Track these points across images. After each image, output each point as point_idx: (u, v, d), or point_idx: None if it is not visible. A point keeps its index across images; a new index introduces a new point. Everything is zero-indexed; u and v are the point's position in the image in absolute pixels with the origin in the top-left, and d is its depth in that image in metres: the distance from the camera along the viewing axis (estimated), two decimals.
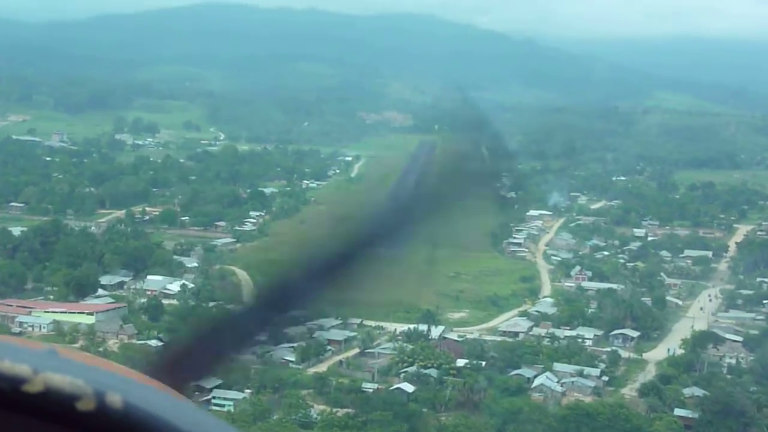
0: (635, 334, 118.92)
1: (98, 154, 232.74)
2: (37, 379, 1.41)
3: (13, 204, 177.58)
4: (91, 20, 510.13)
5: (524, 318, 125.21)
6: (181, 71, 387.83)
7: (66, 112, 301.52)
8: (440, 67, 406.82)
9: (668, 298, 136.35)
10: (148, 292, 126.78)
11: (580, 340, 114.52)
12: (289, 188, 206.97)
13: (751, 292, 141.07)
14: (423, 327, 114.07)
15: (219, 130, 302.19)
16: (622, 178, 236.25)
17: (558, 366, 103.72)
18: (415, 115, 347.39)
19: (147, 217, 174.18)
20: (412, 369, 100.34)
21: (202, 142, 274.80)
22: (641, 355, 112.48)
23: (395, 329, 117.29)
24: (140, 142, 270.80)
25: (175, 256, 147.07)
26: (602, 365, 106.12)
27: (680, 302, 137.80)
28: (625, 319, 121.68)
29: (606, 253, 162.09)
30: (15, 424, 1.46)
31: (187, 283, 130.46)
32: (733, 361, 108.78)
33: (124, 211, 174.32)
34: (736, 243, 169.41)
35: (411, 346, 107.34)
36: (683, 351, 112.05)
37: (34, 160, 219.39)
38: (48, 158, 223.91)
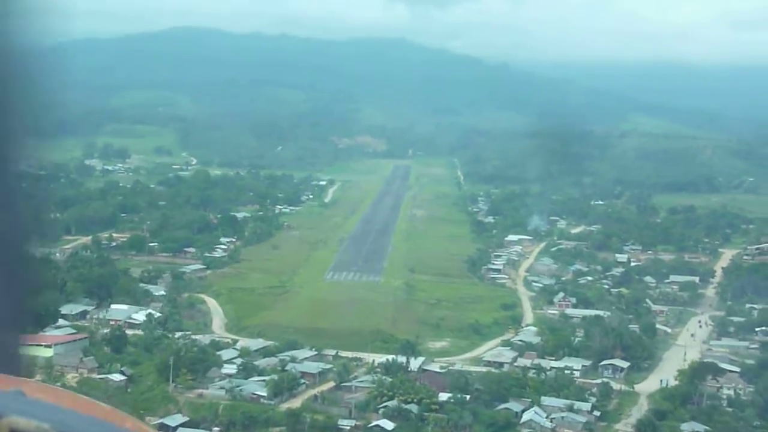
0: (625, 364, 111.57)
1: (66, 180, 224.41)
2: (2, 423, 1.40)
3: None
4: (64, 45, 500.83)
5: (508, 348, 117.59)
6: (154, 96, 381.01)
7: (32, 137, 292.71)
8: (414, 91, 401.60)
9: (657, 325, 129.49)
10: (112, 322, 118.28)
11: (568, 371, 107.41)
12: (261, 213, 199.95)
13: (742, 319, 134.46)
14: (402, 358, 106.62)
15: (191, 155, 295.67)
16: (601, 202, 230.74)
17: (546, 400, 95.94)
18: (389, 139, 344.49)
19: (114, 244, 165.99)
20: (392, 404, 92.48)
21: (173, 167, 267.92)
22: (633, 387, 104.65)
23: (373, 360, 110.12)
24: (110, 168, 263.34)
25: (142, 284, 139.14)
26: (593, 399, 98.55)
27: (669, 330, 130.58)
28: (614, 348, 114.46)
29: (589, 278, 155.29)
30: None
31: (153, 312, 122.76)
32: (732, 393, 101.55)
33: (90, 237, 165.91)
34: (723, 268, 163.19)
35: (390, 379, 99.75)
36: (677, 382, 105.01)
37: None
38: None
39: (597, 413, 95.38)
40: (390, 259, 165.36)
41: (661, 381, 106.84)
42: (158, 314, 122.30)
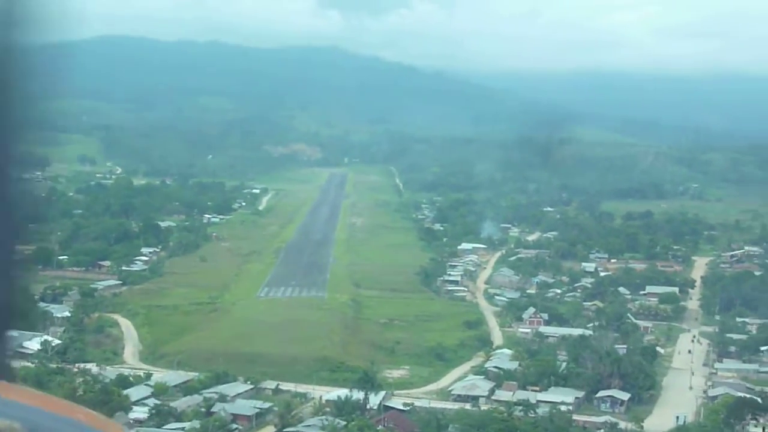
0: (625, 396, 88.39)
1: None
2: None
3: None
4: None
5: (481, 377, 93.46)
6: (78, 105, 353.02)
7: None
8: (348, 99, 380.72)
9: (643, 344, 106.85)
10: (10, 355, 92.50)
11: (556, 405, 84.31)
12: (188, 222, 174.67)
13: (740, 336, 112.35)
14: (358, 394, 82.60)
15: (116, 165, 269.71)
16: (550, 208, 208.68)
17: None
18: (323, 147, 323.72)
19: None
20: None
21: (96, 175, 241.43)
22: (642, 427, 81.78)
23: (320, 396, 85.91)
24: (26, 176, 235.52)
25: (42, 304, 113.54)
26: None
27: (661, 350, 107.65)
28: (611, 376, 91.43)
29: (557, 290, 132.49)
30: None
31: (50, 338, 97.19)
32: None
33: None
34: (701, 277, 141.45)
35: (344, 422, 75.65)
36: (701, 419, 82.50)
37: None
38: None
39: None
40: (332, 272, 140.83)
41: (677, 418, 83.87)
42: (57, 341, 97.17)
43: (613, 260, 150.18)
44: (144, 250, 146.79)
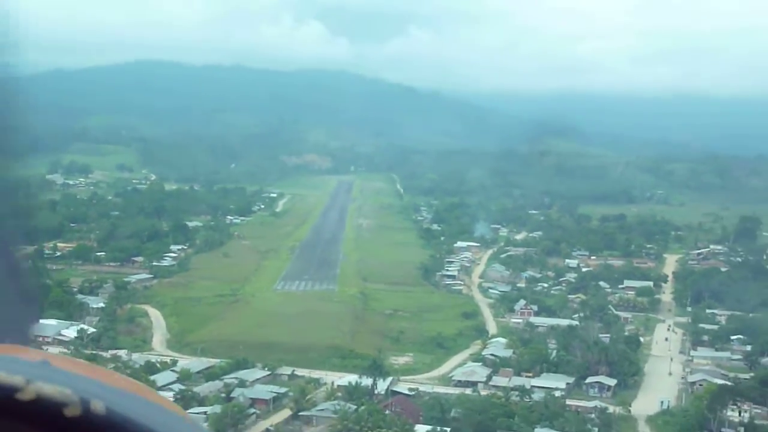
0: (612, 381, 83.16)
1: (23, 192, 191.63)
2: (30, 388, 1.36)
3: None
4: (39, 75, 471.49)
5: (479, 363, 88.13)
6: (118, 120, 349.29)
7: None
8: (354, 116, 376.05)
9: (626, 334, 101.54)
10: (39, 339, 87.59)
11: (550, 390, 79.11)
12: (213, 223, 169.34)
13: (712, 326, 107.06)
14: (367, 380, 77.45)
15: (150, 172, 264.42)
16: (535, 211, 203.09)
17: None
18: (333, 158, 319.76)
19: (58, 253, 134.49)
20: None
21: (133, 181, 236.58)
22: (629, 410, 76.77)
23: (332, 382, 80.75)
24: (71, 182, 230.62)
25: (80, 296, 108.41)
26: (594, 429, 70.20)
27: (641, 339, 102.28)
28: (598, 363, 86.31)
29: (544, 284, 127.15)
30: (9, 429, 1.43)
31: (86, 327, 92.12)
32: (746, 418, 73.64)
33: (34, 248, 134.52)
34: (673, 273, 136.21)
35: (354, 406, 70.54)
36: (687, 406, 77.01)
37: None
38: None
39: None
40: (342, 268, 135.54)
41: (661, 402, 78.81)
42: (92, 330, 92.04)
43: (593, 257, 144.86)
44: (173, 247, 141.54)
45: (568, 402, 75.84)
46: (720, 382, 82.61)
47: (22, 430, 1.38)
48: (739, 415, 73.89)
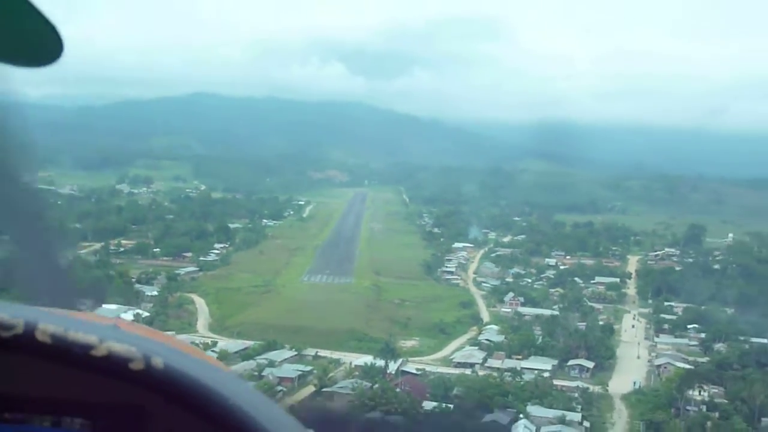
0: (590, 364, 78.10)
1: (96, 199, 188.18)
2: (102, 346, 1.37)
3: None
4: (113, 105, 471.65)
5: (476, 347, 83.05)
6: (175, 141, 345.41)
7: (82, 170, 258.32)
8: (369, 140, 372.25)
9: (601, 322, 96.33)
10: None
11: (537, 372, 74.06)
12: (250, 225, 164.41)
13: (671, 316, 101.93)
14: (380, 360, 72.57)
15: (200, 183, 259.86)
16: (517, 218, 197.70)
17: (532, 409, 62.43)
18: (350, 173, 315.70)
19: (122, 249, 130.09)
20: (375, 415, 58.94)
21: (186, 190, 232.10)
22: (606, 390, 71.57)
23: (350, 362, 75.94)
24: (135, 191, 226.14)
25: (138, 285, 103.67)
26: (578, 407, 65.23)
27: (614, 327, 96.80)
28: (579, 348, 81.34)
29: (528, 280, 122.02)
30: (86, 379, 1.45)
31: (141, 311, 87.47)
32: (706, 397, 68.63)
33: (102, 244, 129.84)
34: (636, 271, 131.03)
35: (369, 384, 65.78)
36: (657, 388, 71.99)
37: (39, 203, 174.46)
38: (51, 201, 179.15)
39: (587, 424, 62.33)
40: (358, 263, 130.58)
41: (634, 383, 73.82)
42: (146, 314, 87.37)
43: (567, 257, 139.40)
44: (217, 245, 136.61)
45: (555, 382, 71.01)
46: (681, 365, 77.86)
47: (97, 380, 1.39)
48: (699, 394, 69.07)
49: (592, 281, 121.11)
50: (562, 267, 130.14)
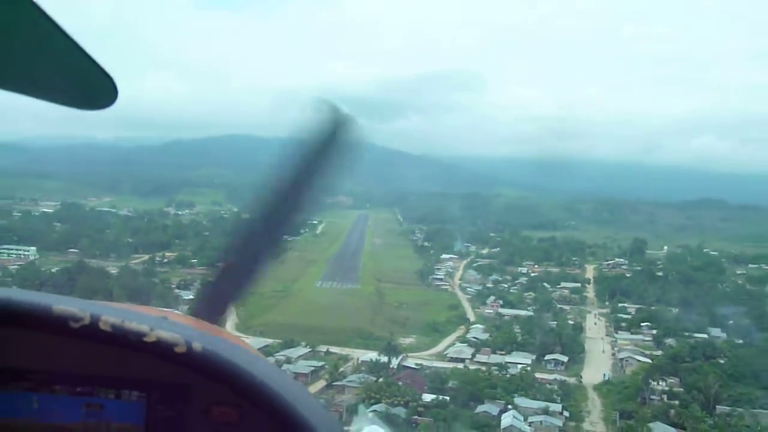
0: (565, 358, 72.35)
1: (147, 219, 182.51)
2: (152, 333, 1.37)
3: (71, 250, 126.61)
4: (165, 144, 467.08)
5: (465, 344, 77.10)
6: (215, 172, 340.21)
7: (138, 196, 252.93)
8: (369, 171, 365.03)
9: (569, 321, 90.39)
10: None
11: (521, 366, 68.16)
12: None
13: (626, 315, 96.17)
14: (384, 358, 66.58)
15: (234, 206, 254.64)
16: (492, 234, 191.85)
17: (519, 400, 56.23)
18: (354, 198, 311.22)
19: (165, 260, 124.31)
20: (381, 407, 53.10)
21: (221, 212, 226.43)
22: (581, 381, 65.71)
23: (358, 358, 70.05)
24: (179, 212, 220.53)
25: (177, 290, 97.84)
26: (558, 398, 59.40)
27: (582, 325, 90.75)
28: (554, 344, 75.38)
29: (504, 285, 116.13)
30: (140, 360, 1.44)
31: (178, 312, 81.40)
32: (664, 387, 62.66)
33: (149, 256, 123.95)
34: (594, 277, 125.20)
35: (375, 378, 59.88)
36: (613, 375, 66.26)
37: (100, 222, 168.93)
38: (111, 221, 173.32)
39: (566, 413, 56.50)
40: (362, 271, 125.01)
41: (604, 375, 67.90)
42: (182, 314, 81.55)
43: (536, 266, 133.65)
44: None
45: (536, 375, 65.00)
46: (640, 359, 72.05)
47: (149, 360, 1.41)
48: (658, 385, 63.21)
49: (558, 286, 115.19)
50: (532, 274, 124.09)
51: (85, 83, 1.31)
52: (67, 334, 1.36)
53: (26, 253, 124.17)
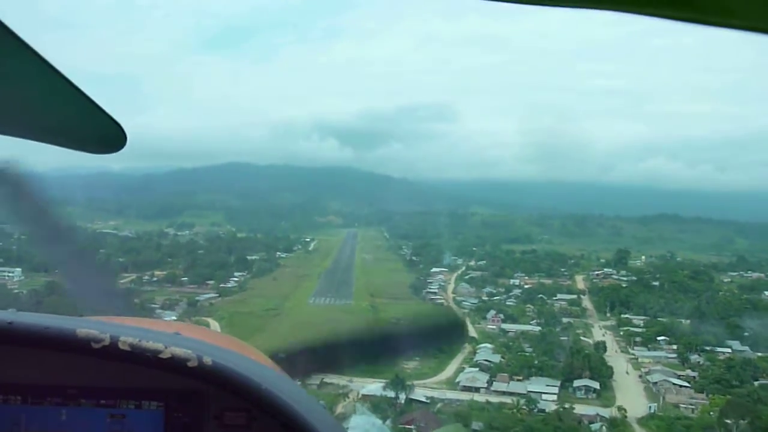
0: (596, 384, 54.78)
1: (146, 240, 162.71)
2: (167, 350, 1.32)
3: (57, 271, 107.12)
4: (170, 172, 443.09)
5: (476, 369, 59.27)
6: (214, 197, 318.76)
7: (144, 219, 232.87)
8: (356, 193, 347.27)
9: (582, 337, 72.74)
10: None
11: (545, 396, 50.53)
12: (266, 257, 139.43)
13: (636, 329, 78.74)
14: (390, 390, 48.68)
15: (231, 227, 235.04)
16: (474, 248, 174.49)
17: None
18: (344, 218, 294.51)
19: (155, 279, 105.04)
20: None
21: (220, 232, 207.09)
22: (625, 415, 48.20)
23: (358, 392, 51.87)
24: (179, 233, 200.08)
25: (160, 310, 79.08)
26: None
27: (589, 341, 73.14)
28: (581, 368, 57.79)
29: (499, 298, 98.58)
30: (158, 374, 1.38)
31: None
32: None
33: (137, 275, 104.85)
34: (588, 288, 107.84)
35: (381, 420, 41.88)
36: (657, 404, 48.73)
37: (96, 243, 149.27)
38: (109, 241, 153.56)
39: None
40: (356, 287, 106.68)
41: (649, 408, 50.45)
42: None
43: (526, 277, 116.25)
44: (236, 273, 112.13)
45: (576, 410, 47.28)
46: (675, 381, 54.61)
47: (166, 374, 1.39)
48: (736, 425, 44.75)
49: (554, 298, 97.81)
50: (526, 286, 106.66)
51: (95, 131, 1.29)
52: (90, 353, 1.35)
53: (10, 274, 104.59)
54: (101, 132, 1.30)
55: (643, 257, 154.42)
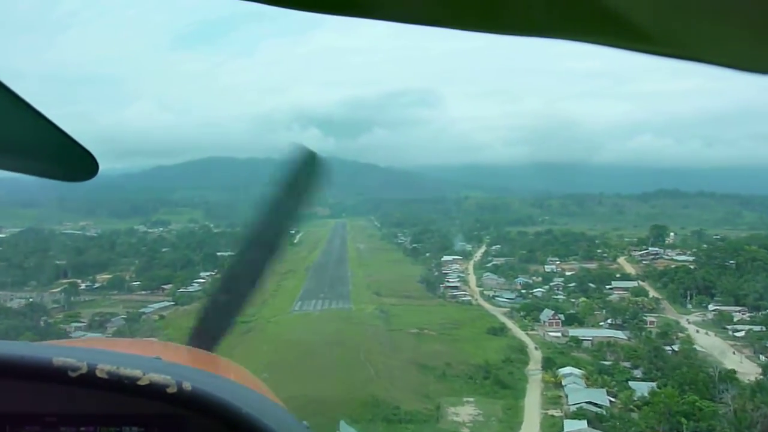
0: None
1: (107, 239, 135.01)
2: (145, 377, 1.28)
3: None
4: (147, 171, 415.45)
5: (582, 420, 34.55)
6: (193, 193, 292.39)
7: (117, 218, 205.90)
8: (342, 182, 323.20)
9: (698, 348, 48.38)
10: None
11: None
12: None
13: (749, 326, 54.38)
14: None
15: (210, 223, 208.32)
16: (478, 232, 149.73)
17: None
18: (330, 208, 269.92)
19: (96, 285, 78.46)
20: None
21: (196, 229, 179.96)
22: None
23: None
24: (150, 230, 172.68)
25: (81, 332, 52.98)
26: None
27: (734, 353, 48.60)
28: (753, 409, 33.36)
29: (541, 289, 73.82)
30: (136, 402, 1.35)
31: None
32: None
33: (77, 280, 78.27)
34: (645, 273, 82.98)
35: None
36: None
37: (54, 243, 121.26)
38: (68, 242, 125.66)
39: None
40: (353, 284, 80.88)
41: None
42: None
43: (559, 262, 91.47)
44: (202, 274, 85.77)
45: None
46: None
47: (143, 402, 1.34)
48: None
49: (608, 287, 73.21)
50: (567, 273, 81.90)
51: (66, 159, 1.26)
52: (68, 382, 1.30)
53: None
54: (72, 161, 1.26)
55: (672, 234, 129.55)
